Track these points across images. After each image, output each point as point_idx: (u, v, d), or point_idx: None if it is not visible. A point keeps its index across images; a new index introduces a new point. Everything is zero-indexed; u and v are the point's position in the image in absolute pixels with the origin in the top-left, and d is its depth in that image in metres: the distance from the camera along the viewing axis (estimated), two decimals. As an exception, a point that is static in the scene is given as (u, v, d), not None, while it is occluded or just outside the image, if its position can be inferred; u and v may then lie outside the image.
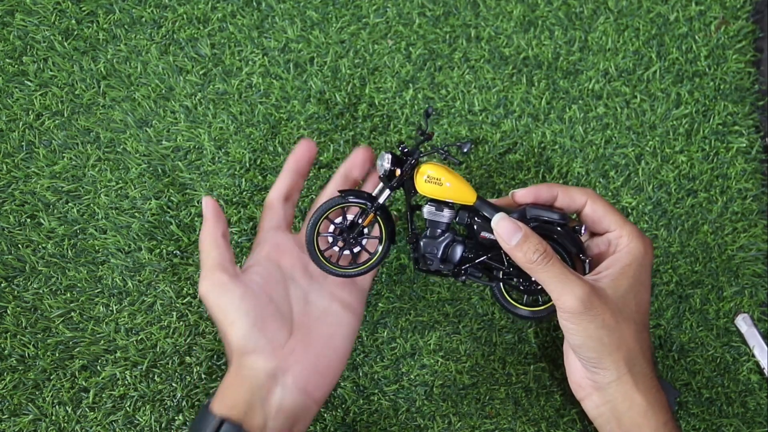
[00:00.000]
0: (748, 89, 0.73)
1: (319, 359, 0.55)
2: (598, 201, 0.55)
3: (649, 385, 0.52)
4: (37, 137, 0.68)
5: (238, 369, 0.53)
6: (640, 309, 0.53)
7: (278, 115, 0.69)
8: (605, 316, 0.50)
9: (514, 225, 0.51)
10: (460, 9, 0.74)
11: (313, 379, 0.54)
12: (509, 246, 0.51)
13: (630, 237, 0.53)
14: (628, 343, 0.51)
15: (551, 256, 0.51)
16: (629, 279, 0.52)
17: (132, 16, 0.71)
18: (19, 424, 0.61)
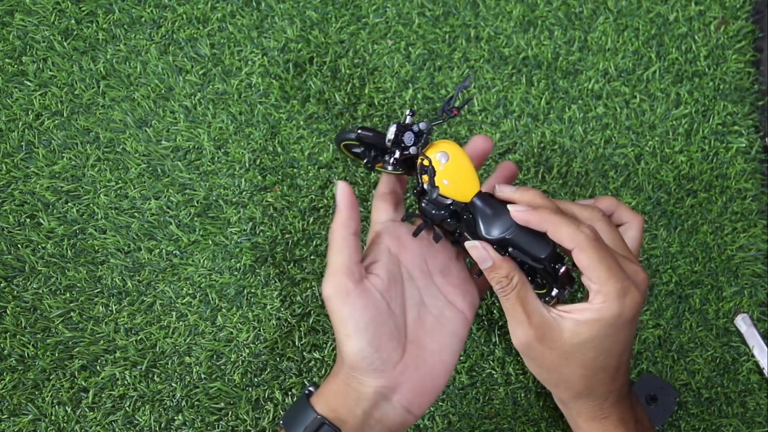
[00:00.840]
0: (748, 89, 0.73)
1: (427, 380, 0.54)
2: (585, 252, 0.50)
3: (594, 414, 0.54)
4: (36, 137, 0.68)
5: (347, 380, 0.52)
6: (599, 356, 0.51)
7: (278, 115, 0.69)
8: (544, 360, 0.52)
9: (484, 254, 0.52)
10: (460, 9, 0.74)
11: (418, 399, 0.53)
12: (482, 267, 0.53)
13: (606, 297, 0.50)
14: (570, 383, 0.52)
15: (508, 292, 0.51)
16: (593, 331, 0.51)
17: (131, 16, 0.71)
18: (19, 424, 0.61)
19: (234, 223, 0.67)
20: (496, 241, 0.52)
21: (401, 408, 0.53)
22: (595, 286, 0.50)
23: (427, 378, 0.54)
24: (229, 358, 0.64)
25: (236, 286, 0.65)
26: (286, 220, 0.67)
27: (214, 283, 0.65)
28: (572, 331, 0.51)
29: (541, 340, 0.51)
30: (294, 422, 0.52)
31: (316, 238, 0.67)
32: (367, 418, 0.52)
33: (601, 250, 0.51)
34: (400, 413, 0.53)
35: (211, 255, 0.66)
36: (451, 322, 0.56)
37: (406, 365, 0.53)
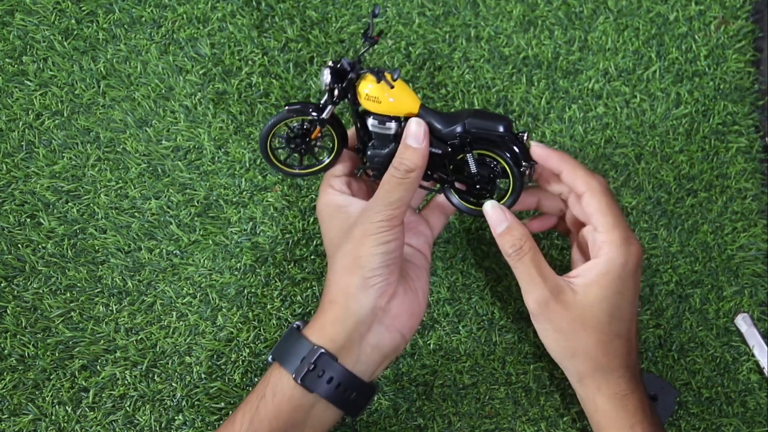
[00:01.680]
0: (748, 89, 0.73)
1: (414, 303, 0.56)
2: (596, 196, 0.53)
3: (614, 390, 0.53)
4: (36, 137, 0.68)
5: (346, 305, 0.53)
6: (614, 320, 0.52)
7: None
8: (561, 323, 0.52)
9: (502, 215, 0.53)
10: (460, 9, 0.74)
11: (409, 322, 0.55)
12: (494, 232, 0.54)
13: (611, 245, 0.52)
14: (587, 350, 0.52)
15: (525, 253, 0.52)
16: (603, 289, 0.51)
17: (132, 16, 0.71)
18: (19, 423, 0.61)
19: (234, 222, 0.67)
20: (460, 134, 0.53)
21: (394, 330, 0.54)
22: (601, 236, 0.52)
23: (414, 301, 0.56)
24: (230, 357, 0.64)
25: (236, 285, 0.65)
26: (287, 220, 0.67)
27: (215, 282, 0.65)
28: (583, 292, 0.52)
29: (556, 300, 0.51)
30: (288, 355, 0.53)
31: (316, 238, 0.67)
32: (363, 344, 0.53)
33: (610, 199, 0.53)
34: (393, 336, 0.54)
35: (211, 255, 0.66)
36: (414, 257, 0.59)
37: (397, 290, 0.55)
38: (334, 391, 0.53)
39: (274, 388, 0.53)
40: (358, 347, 0.53)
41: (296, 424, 0.52)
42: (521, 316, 0.66)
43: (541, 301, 0.52)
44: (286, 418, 0.52)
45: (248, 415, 0.53)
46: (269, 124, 0.56)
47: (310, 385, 0.52)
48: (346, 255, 0.54)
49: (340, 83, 0.53)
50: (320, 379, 0.52)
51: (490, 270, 0.67)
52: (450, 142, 0.54)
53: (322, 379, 0.52)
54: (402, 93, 0.53)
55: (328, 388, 0.52)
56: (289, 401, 0.52)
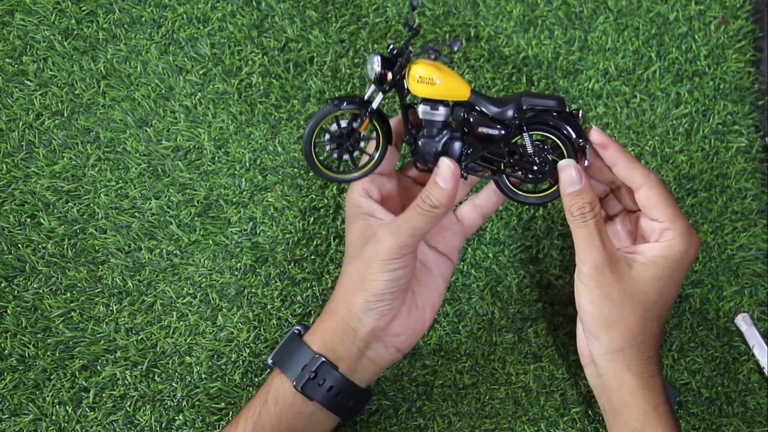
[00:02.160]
0: (748, 89, 0.73)
1: (417, 322, 0.56)
2: (656, 189, 0.53)
3: (643, 368, 0.53)
4: (37, 137, 0.68)
5: (347, 318, 0.54)
6: (661, 300, 0.53)
7: (278, 114, 0.69)
8: (612, 290, 0.52)
9: (578, 175, 0.52)
10: (460, 9, 0.74)
11: (408, 340, 0.56)
12: (563, 191, 0.53)
13: (675, 233, 0.53)
14: (628, 323, 0.52)
15: (589, 218, 0.52)
16: (659, 270, 0.52)
17: (132, 16, 0.71)
18: (20, 424, 0.61)
19: (234, 222, 0.67)
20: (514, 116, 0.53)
21: (392, 347, 0.55)
22: (663, 224, 0.53)
23: (418, 321, 0.57)
24: (230, 358, 0.64)
25: (237, 285, 0.65)
26: (287, 220, 0.67)
27: (215, 282, 0.65)
28: (639, 269, 0.52)
29: (612, 269, 0.52)
30: (289, 361, 0.54)
31: (316, 238, 0.67)
32: (361, 357, 0.54)
33: (668, 192, 0.54)
34: (390, 352, 0.55)
35: (211, 255, 0.66)
36: (436, 265, 0.59)
37: (400, 312, 0.55)
38: (333, 399, 0.53)
39: (276, 394, 0.54)
40: (356, 359, 0.54)
41: (296, 430, 0.53)
42: (521, 316, 0.66)
43: (597, 265, 0.52)
44: (287, 425, 0.53)
45: (251, 421, 0.53)
46: (313, 120, 0.53)
47: (311, 393, 0.53)
48: (353, 272, 0.54)
49: (391, 68, 0.52)
50: (320, 387, 0.53)
51: (490, 270, 0.67)
52: (506, 122, 0.53)
53: (323, 388, 0.53)
54: (452, 77, 0.53)
55: (327, 396, 0.53)
56: (290, 408, 0.53)
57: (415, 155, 0.55)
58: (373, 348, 0.55)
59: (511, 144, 0.55)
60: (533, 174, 0.55)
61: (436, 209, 0.52)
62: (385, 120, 0.55)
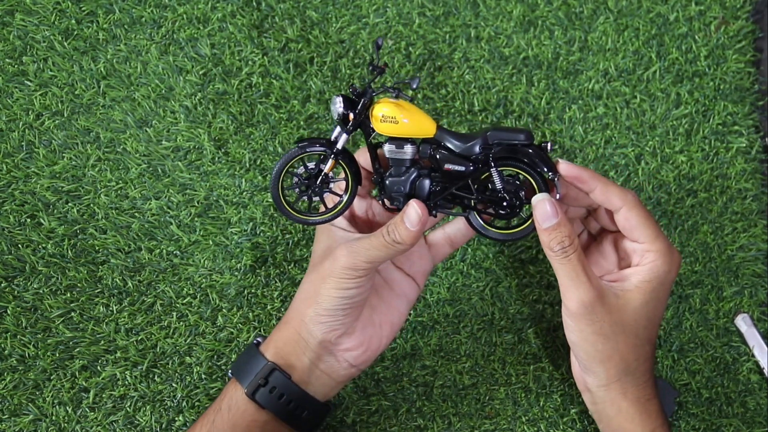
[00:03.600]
0: (748, 89, 0.73)
1: (372, 338, 0.56)
2: (634, 210, 0.52)
3: (639, 394, 0.53)
4: (37, 137, 0.68)
5: (298, 328, 0.54)
6: (650, 324, 0.53)
7: (278, 115, 0.69)
8: (604, 325, 0.51)
9: (553, 210, 0.51)
10: (460, 9, 0.74)
11: (362, 356, 0.55)
12: (539, 227, 0.52)
13: (657, 254, 0.52)
14: (622, 354, 0.52)
15: (570, 252, 0.51)
16: (645, 295, 0.52)
17: (132, 16, 0.71)
18: (20, 424, 0.61)
19: (234, 223, 0.67)
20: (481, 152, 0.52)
21: (345, 362, 0.55)
22: (644, 246, 0.52)
23: (373, 337, 0.56)
24: (230, 358, 0.64)
25: (237, 286, 0.65)
26: (287, 221, 0.67)
27: (215, 283, 0.65)
28: (627, 297, 0.52)
29: (602, 302, 0.51)
30: (244, 371, 0.54)
31: (316, 238, 0.67)
32: (314, 369, 0.54)
33: (647, 212, 0.53)
34: (344, 366, 0.55)
35: (211, 255, 0.66)
36: (400, 286, 0.58)
37: (354, 329, 0.55)
38: (285, 408, 0.53)
39: (229, 402, 0.54)
40: (309, 369, 0.54)
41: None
42: (521, 317, 0.66)
43: (587, 302, 0.50)
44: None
45: (205, 429, 0.54)
46: (279, 164, 0.53)
47: (261, 401, 0.53)
48: (309, 284, 0.54)
49: (354, 109, 0.52)
50: (271, 395, 0.53)
51: (490, 271, 0.67)
52: (474, 158, 0.52)
53: (273, 396, 0.53)
54: (416, 114, 0.52)
55: (278, 405, 0.53)
56: (243, 416, 0.53)
57: (383, 194, 0.54)
58: (325, 360, 0.54)
59: (480, 180, 0.54)
60: (504, 210, 0.54)
61: (399, 245, 0.51)
62: (353, 160, 0.54)
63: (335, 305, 0.52)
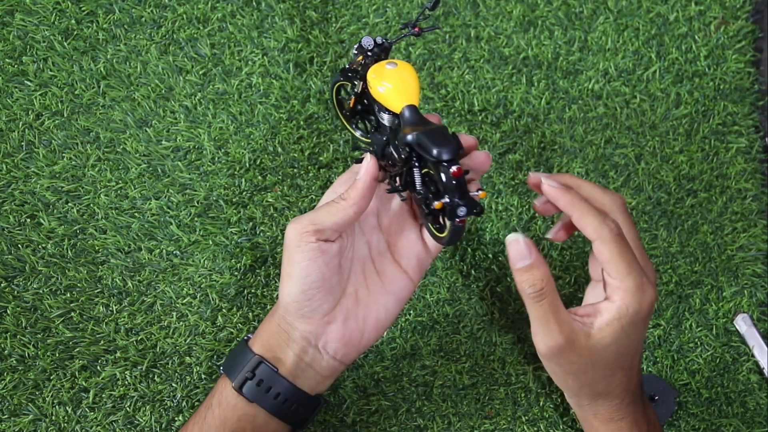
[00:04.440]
0: (748, 89, 0.73)
1: (354, 333, 0.55)
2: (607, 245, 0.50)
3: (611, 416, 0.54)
4: (37, 137, 0.68)
5: (280, 321, 0.54)
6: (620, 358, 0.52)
7: (278, 115, 0.69)
8: (572, 366, 0.51)
9: (527, 249, 0.50)
10: (460, 9, 0.74)
11: (343, 349, 0.55)
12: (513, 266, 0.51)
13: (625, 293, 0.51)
14: (592, 385, 0.53)
15: (543, 297, 0.50)
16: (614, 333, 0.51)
17: (132, 16, 0.71)
18: (19, 424, 0.61)
19: (234, 223, 0.67)
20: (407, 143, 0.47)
21: (327, 355, 0.54)
22: (615, 282, 0.51)
23: (355, 331, 0.55)
24: (230, 358, 0.64)
25: (237, 286, 0.65)
26: (287, 221, 0.67)
27: (215, 283, 0.65)
28: (597, 336, 0.51)
29: (571, 347, 0.50)
30: (233, 366, 0.54)
31: (316, 238, 0.67)
32: (299, 361, 0.54)
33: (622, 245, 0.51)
34: (327, 360, 0.54)
35: (211, 255, 0.66)
36: (393, 282, 0.56)
37: (335, 317, 0.54)
38: (273, 402, 0.53)
39: (219, 398, 0.54)
40: (295, 362, 0.54)
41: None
42: (521, 316, 0.66)
43: (554, 347, 0.50)
44: (233, 428, 0.53)
45: (197, 426, 0.53)
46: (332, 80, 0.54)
47: (249, 394, 0.53)
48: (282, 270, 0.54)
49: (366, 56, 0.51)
50: (259, 388, 0.53)
51: (490, 270, 0.67)
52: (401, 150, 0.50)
53: (261, 389, 0.53)
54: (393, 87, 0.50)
55: (266, 398, 0.53)
56: (233, 410, 0.53)
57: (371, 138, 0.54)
58: (309, 353, 0.54)
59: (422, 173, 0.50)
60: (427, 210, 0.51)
61: (343, 201, 0.50)
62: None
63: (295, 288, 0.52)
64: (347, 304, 0.55)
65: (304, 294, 0.52)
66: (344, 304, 0.55)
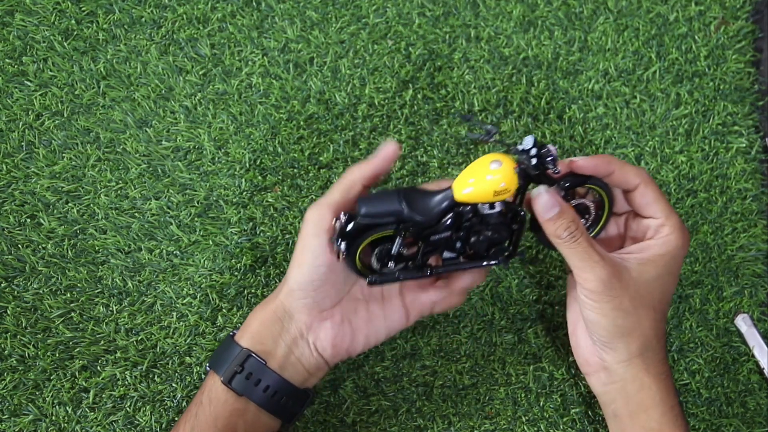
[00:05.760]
0: (748, 89, 0.73)
1: (345, 338, 0.56)
2: (650, 186, 0.54)
3: (660, 370, 0.53)
4: (37, 137, 0.68)
5: (276, 309, 0.54)
6: (664, 298, 0.53)
7: (278, 115, 0.69)
8: (623, 300, 0.51)
9: (552, 200, 0.51)
10: (460, 9, 0.74)
11: (330, 349, 0.55)
12: (541, 219, 0.52)
13: (672, 229, 0.53)
14: (643, 328, 0.52)
15: (579, 236, 0.51)
16: (659, 268, 0.52)
17: (132, 16, 0.71)
18: (19, 424, 0.61)
19: (234, 223, 0.67)
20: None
21: (315, 352, 0.55)
22: (659, 220, 0.54)
23: (346, 335, 0.56)
24: (230, 358, 0.64)
25: (237, 286, 0.65)
26: (287, 221, 0.67)
27: (215, 283, 0.65)
28: (639, 270, 0.52)
29: (618, 278, 0.51)
30: (221, 361, 0.54)
31: (316, 239, 0.67)
32: (289, 354, 0.54)
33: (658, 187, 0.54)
34: (315, 357, 0.55)
35: (211, 255, 0.66)
36: (391, 311, 0.58)
37: (333, 314, 0.55)
38: (262, 394, 0.53)
39: (209, 394, 0.54)
40: (284, 356, 0.54)
41: (234, 428, 0.53)
42: (521, 317, 0.66)
43: (605, 280, 0.51)
44: (224, 423, 0.53)
45: (189, 424, 0.53)
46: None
47: (238, 388, 0.53)
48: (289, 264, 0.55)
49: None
50: (248, 381, 0.53)
51: (490, 271, 0.67)
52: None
53: (250, 382, 0.53)
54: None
55: (256, 391, 0.53)
56: (224, 406, 0.53)
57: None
58: (299, 346, 0.54)
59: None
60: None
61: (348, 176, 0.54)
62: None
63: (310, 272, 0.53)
64: (347, 307, 0.56)
65: (312, 283, 0.53)
66: (345, 306, 0.56)
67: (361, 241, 0.52)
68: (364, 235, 0.51)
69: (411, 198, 0.51)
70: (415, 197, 0.52)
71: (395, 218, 0.51)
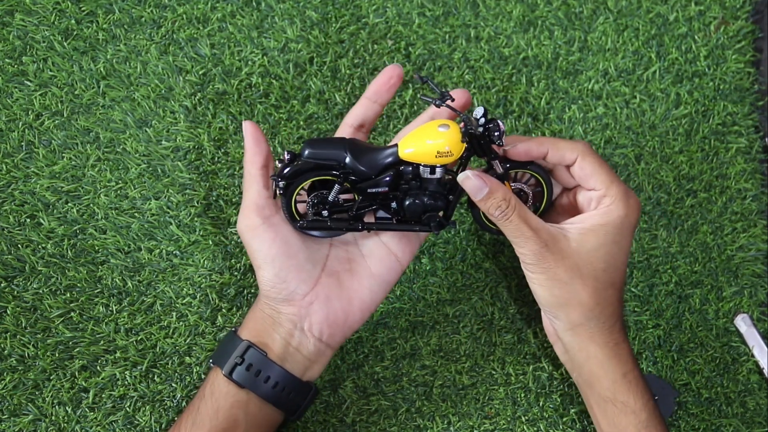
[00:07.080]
0: (748, 89, 0.73)
1: (337, 312, 0.56)
2: (588, 158, 0.54)
3: (606, 339, 0.54)
4: (36, 137, 0.68)
5: (264, 307, 0.55)
6: (609, 268, 0.53)
7: (278, 115, 0.69)
8: (557, 270, 0.52)
9: (480, 182, 0.52)
10: (460, 9, 0.74)
11: (328, 330, 0.55)
12: (476, 200, 0.53)
13: (613, 199, 0.53)
14: (581, 298, 0.53)
15: (510, 213, 0.52)
16: (599, 237, 0.53)
17: (132, 16, 0.71)
18: (19, 424, 0.61)
19: (234, 223, 0.67)
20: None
21: (313, 337, 0.55)
22: (599, 192, 0.54)
23: (339, 311, 0.56)
24: (230, 358, 0.64)
25: (236, 286, 0.65)
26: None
27: (215, 283, 0.65)
28: (579, 240, 0.53)
29: (552, 250, 0.52)
30: (223, 355, 0.55)
31: (316, 239, 0.67)
32: (286, 345, 0.54)
33: (600, 159, 0.54)
34: (313, 342, 0.55)
35: (211, 255, 0.66)
36: (379, 264, 0.57)
37: (316, 296, 0.55)
38: (265, 387, 0.53)
39: (212, 387, 0.54)
40: (283, 347, 0.54)
41: (236, 420, 0.53)
42: (521, 317, 0.66)
43: (537, 252, 0.52)
44: (226, 415, 0.53)
45: (191, 417, 0.54)
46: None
47: (239, 379, 0.53)
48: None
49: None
50: (249, 373, 0.53)
51: (490, 271, 0.67)
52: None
53: (251, 373, 0.53)
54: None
55: (258, 383, 0.53)
56: (226, 398, 0.53)
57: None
58: (295, 336, 0.54)
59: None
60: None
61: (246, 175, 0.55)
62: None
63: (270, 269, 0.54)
64: (329, 283, 0.56)
65: (277, 277, 0.54)
66: (325, 283, 0.56)
67: (299, 182, 0.53)
68: (302, 177, 0.53)
69: (356, 149, 0.53)
70: (361, 149, 0.53)
71: (337, 163, 0.53)
